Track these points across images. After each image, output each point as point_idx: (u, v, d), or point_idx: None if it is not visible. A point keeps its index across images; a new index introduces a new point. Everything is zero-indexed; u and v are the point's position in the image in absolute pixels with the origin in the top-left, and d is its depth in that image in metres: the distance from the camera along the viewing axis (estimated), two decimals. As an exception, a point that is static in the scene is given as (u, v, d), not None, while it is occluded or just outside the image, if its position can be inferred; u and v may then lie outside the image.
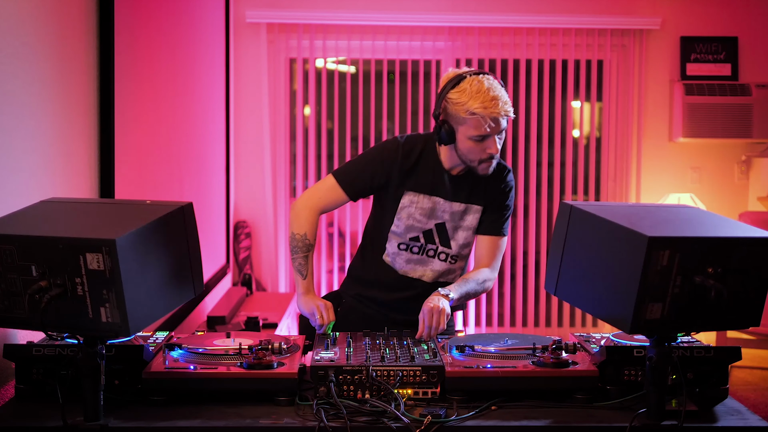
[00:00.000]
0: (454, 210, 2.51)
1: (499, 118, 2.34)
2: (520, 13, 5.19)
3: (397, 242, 2.53)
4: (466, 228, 2.53)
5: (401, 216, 2.50)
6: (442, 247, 2.53)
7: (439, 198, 2.50)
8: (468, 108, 2.33)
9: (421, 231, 2.51)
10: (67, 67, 2.36)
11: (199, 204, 3.83)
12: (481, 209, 2.53)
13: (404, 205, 2.49)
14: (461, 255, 2.56)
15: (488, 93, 2.33)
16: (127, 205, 1.95)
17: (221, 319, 3.69)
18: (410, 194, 2.49)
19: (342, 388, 1.89)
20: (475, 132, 2.35)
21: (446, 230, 2.52)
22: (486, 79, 2.36)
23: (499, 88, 2.36)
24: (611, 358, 1.95)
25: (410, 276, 2.55)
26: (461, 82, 2.36)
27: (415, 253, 2.53)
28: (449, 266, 2.56)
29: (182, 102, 3.70)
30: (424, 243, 2.52)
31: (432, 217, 2.51)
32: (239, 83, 5.15)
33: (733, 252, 1.71)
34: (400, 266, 2.55)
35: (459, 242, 2.54)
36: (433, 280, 2.56)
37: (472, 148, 2.39)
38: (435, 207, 2.50)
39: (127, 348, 1.93)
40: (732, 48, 5.29)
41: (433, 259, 2.54)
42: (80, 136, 2.47)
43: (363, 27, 5.15)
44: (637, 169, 5.33)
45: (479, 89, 2.33)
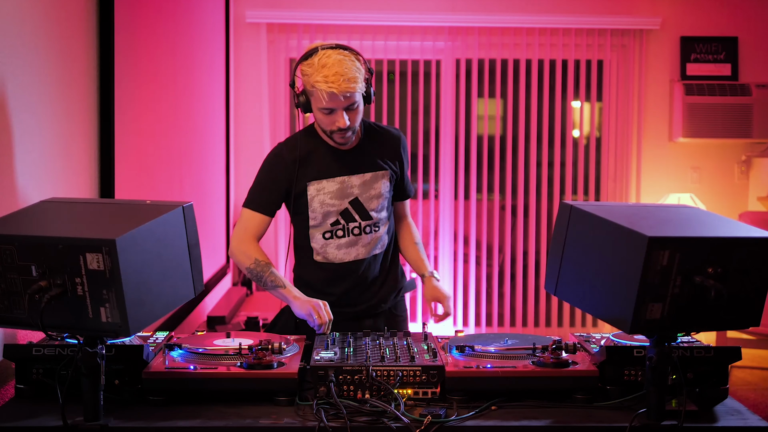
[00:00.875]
0: (361, 182, 2.55)
1: (338, 94, 2.36)
2: (520, 13, 5.19)
3: (320, 233, 2.56)
4: (378, 195, 2.57)
5: (314, 207, 2.54)
6: (363, 221, 2.56)
7: (343, 176, 2.54)
8: (312, 81, 2.38)
9: (338, 213, 2.55)
10: (67, 67, 2.37)
11: (199, 204, 3.83)
12: (388, 173, 2.58)
13: (312, 195, 2.54)
14: (381, 219, 2.60)
15: (332, 68, 2.35)
16: (127, 205, 1.95)
17: (221, 319, 3.69)
18: (314, 183, 2.53)
19: (342, 388, 1.89)
20: (320, 104, 2.41)
21: (361, 203, 2.56)
22: (337, 54, 2.38)
23: (347, 63, 2.37)
24: (611, 358, 1.95)
25: (346, 261, 2.57)
26: (313, 56, 2.40)
27: (340, 237, 2.56)
28: (375, 234, 2.59)
29: (182, 102, 3.70)
30: (345, 223, 2.56)
31: (343, 196, 2.54)
32: (239, 83, 5.15)
33: (733, 252, 1.71)
34: (334, 256, 2.57)
35: (376, 210, 2.58)
36: (369, 254, 2.59)
37: (323, 119, 2.47)
38: (342, 186, 2.54)
39: (127, 348, 1.93)
40: (732, 48, 5.29)
41: (360, 235, 2.57)
42: (80, 136, 2.47)
43: (363, 27, 5.15)
44: (637, 169, 5.33)
45: (325, 63, 2.36)
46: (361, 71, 2.40)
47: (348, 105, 2.40)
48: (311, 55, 2.40)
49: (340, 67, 2.35)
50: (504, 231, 5.37)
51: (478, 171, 5.34)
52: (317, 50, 2.39)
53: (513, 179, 5.39)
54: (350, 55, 2.39)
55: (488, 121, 5.33)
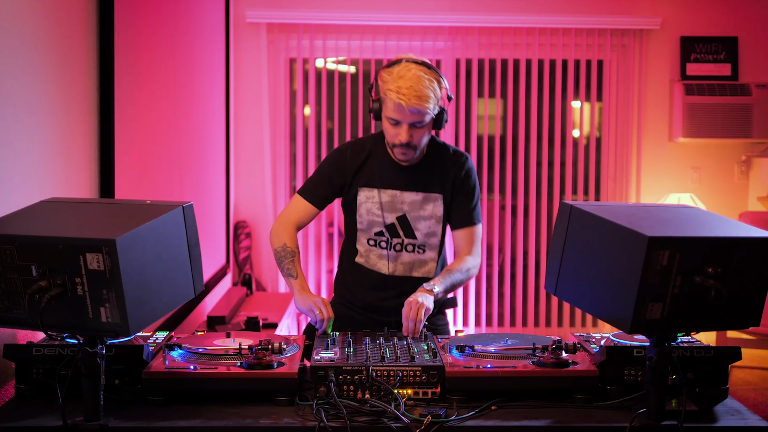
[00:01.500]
0: (411, 200, 2.54)
1: (405, 107, 2.35)
2: (520, 13, 5.19)
3: (366, 239, 2.58)
4: (428, 217, 2.55)
5: (361, 212, 2.56)
6: (407, 239, 2.56)
7: (395, 190, 2.53)
8: (385, 88, 2.39)
9: (384, 225, 2.55)
10: (67, 67, 2.37)
11: (199, 204, 3.84)
12: (441, 197, 2.55)
13: (361, 201, 2.55)
14: (428, 244, 2.58)
15: (407, 81, 2.35)
16: (127, 205, 1.95)
17: (221, 319, 3.69)
18: (364, 190, 2.54)
19: (342, 388, 1.89)
20: (388, 113, 2.41)
21: (408, 221, 2.55)
22: (418, 69, 2.37)
23: (426, 81, 2.36)
24: (611, 358, 1.95)
25: (383, 272, 2.58)
26: (395, 65, 2.40)
27: (383, 248, 2.57)
28: (418, 257, 2.58)
29: (182, 102, 3.70)
30: (389, 237, 2.56)
31: (392, 210, 2.54)
32: (239, 83, 5.15)
33: (733, 252, 1.71)
34: (373, 264, 2.59)
35: (423, 232, 2.56)
36: (405, 273, 2.58)
37: (388, 129, 2.46)
38: (392, 200, 2.54)
39: (127, 348, 1.93)
40: (732, 48, 5.29)
41: (401, 252, 2.57)
42: (80, 136, 2.47)
43: (363, 27, 5.16)
44: (637, 169, 5.33)
45: (403, 75, 2.36)
46: (437, 94, 2.39)
47: (414, 122, 2.39)
48: (394, 64, 2.40)
49: (416, 82, 2.35)
50: (504, 231, 5.37)
51: (478, 171, 5.34)
52: (402, 61, 2.40)
53: (513, 179, 5.40)
54: (431, 75, 2.38)
55: (488, 121, 5.33)
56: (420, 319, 2.26)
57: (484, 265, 5.35)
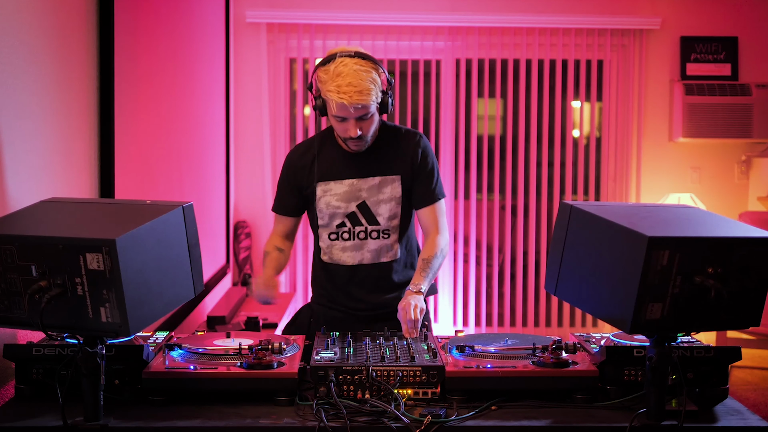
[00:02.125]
0: (369, 186, 2.53)
1: (347, 105, 2.33)
2: (520, 13, 5.19)
3: (327, 234, 2.57)
4: (387, 200, 2.54)
5: (321, 207, 2.55)
6: (370, 226, 2.55)
7: (351, 179, 2.53)
8: (326, 89, 2.36)
9: (345, 215, 2.54)
10: (67, 67, 2.36)
11: (199, 204, 3.83)
12: (399, 177, 2.53)
13: (319, 195, 2.55)
14: (391, 227, 2.56)
15: (345, 78, 2.32)
16: (127, 205, 1.95)
17: (221, 319, 3.69)
18: (321, 184, 2.54)
19: (342, 388, 1.89)
20: (333, 112, 2.40)
21: (368, 207, 2.54)
22: (354, 63, 2.34)
23: (362, 75, 2.33)
24: (611, 358, 1.95)
25: (350, 264, 2.57)
26: (330, 62, 2.37)
27: (346, 240, 2.56)
28: (383, 242, 2.56)
29: (182, 102, 3.70)
30: (352, 226, 2.55)
31: (350, 199, 2.53)
32: (239, 83, 5.15)
33: (733, 252, 1.71)
34: (338, 257, 2.58)
35: (384, 216, 2.54)
36: (373, 261, 2.57)
37: (336, 125, 2.45)
38: (350, 189, 2.53)
39: (127, 348, 1.93)
40: (732, 48, 5.29)
41: (366, 240, 2.55)
42: (80, 136, 2.47)
43: (363, 27, 5.15)
44: (637, 169, 5.33)
45: (339, 72, 2.33)
46: (377, 83, 2.35)
47: (360, 116, 2.38)
48: (329, 61, 2.37)
49: (354, 78, 2.32)
50: (504, 231, 5.37)
51: (478, 171, 5.34)
52: (335, 57, 2.36)
53: (513, 179, 5.39)
54: (367, 65, 2.35)
55: (488, 121, 5.33)
56: (417, 318, 2.26)
57: (483, 265, 5.35)
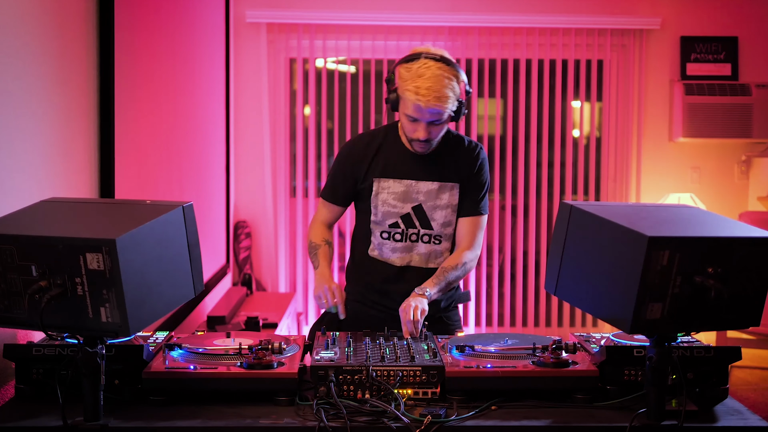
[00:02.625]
0: (427, 189, 2.52)
1: (423, 108, 2.34)
2: (520, 13, 5.19)
3: (379, 231, 2.56)
4: (444, 206, 2.53)
5: (376, 204, 2.53)
6: (423, 230, 2.54)
7: (410, 180, 2.52)
8: (405, 87, 2.36)
9: (399, 216, 2.53)
10: (67, 67, 2.37)
11: (199, 204, 3.83)
12: (458, 186, 2.53)
13: (376, 192, 2.53)
14: (444, 234, 2.56)
15: (427, 81, 2.32)
16: (127, 205, 1.95)
17: (221, 319, 3.69)
18: (380, 180, 2.53)
19: (342, 388, 1.89)
20: (406, 110, 2.40)
21: (424, 211, 2.53)
22: (437, 68, 2.34)
23: (445, 81, 2.33)
24: (611, 358, 1.95)
25: (398, 265, 2.56)
26: (414, 60, 2.37)
27: (397, 241, 2.55)
28: (434, 247, 2.56)
29: (182, 102, 3.70)
30: (405, 228, 2.54)
31: (407, 200, 2.52)
32: (239, 83, 5.15)
33: (733, 252, 1.71)
34: (387, 256, 2.57)
35: (439, 222, 2.54)
36: (420, 264, 2.56)
37: (406, 124, 2.44)
38: (407, 189, 2.52)
39: (127, 348, 1.93)
40: (732, 48, 5.29)
41: (417, 243, 2.55)
42: (80, 136, 2.47)
43: (363, 27, 5.15)
44: (637, 169, 5.33)
45: (422, 74, 2.33)
46: (456, 91, 2.36)
47: (432, 120, 2.38)
48: (413, 59, 2.37)
49: (435, 82, 2.32)
50: (504, 231, 5.37)
51: (478, 171, 5.34)
52: (420, 56, 2.36)
53: (513, 179, 5.40)
54: (450, 72, 2.35)
55: (488, 121, 5.33)
56: (417, 319, 2.25)
57: (483, 265, 5.35)
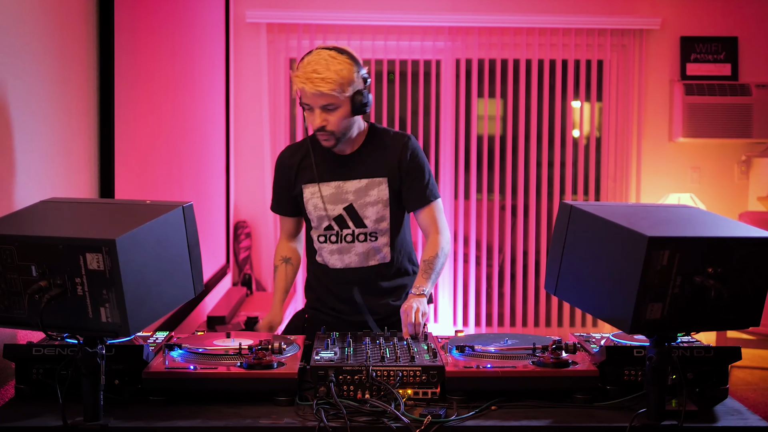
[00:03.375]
0: (356, 188, 2.52)
1: (308, 92, 2.33)
2: (520, 13, 5.19)
3: (317, 236, 2.58)
4: (374, 202, 2.52)
5: (309, 209, 2.55)
6: (357, 229, 2.53)
7: (338, 181, 2.52)
8: (294, 76, 2.37)
9: (332, 218, 2.53)
10: (67, 66, 2.36)
11: (199, 204, 3.83)
12: (386, 179, 2.52)
13: (307, 198, 2.55)
14: (379, 230, 2.54)
15: (311, 65, 2.33)
16: (127, 205, 1.95)
17: (221, 319, 3.69)
18: (308, 186, 2.54)
19: (342, 388, 1.89)
20: (300, 101, 2.40)
21: (355, 210, 2.52)
22: (327, 53, 2.35)
23: (330, 64, 2.32)
24: (611, 358, 1.95)
25: (338, 267, 2.57)
26: (308, 54, 2.39)
27: (334, 243, 2.55)
28: (371, 245, 2.54)
29: (182, 102, 3.69)
30: (339, 229, 2.54)
31: (337, 201, 2.52)
32: (239, 83, 5.15)
33: (733, 252, 1.71)
34: (327, 260, 2.58)
35: (372, 218, 2.53)
36: (360, 264, 2.55)
37: (307, 117, 2.44)
38: (336, 191, 2.52)
39: (127, 348, 1.93)
40: (732, 48, 5.29)
41: (353, 243, 2.54)
42: (80, 136, 2.47)
43: (363, 27, 5.15)
44: (637, 169, 5.33)
45: (309, 61, 2.35)
46: (345, 76, 2.33)
47: (323, 105, 2.36)
48: (310, 52, 2.41)
49: (320, 65, 2.32)
50: (504, 231, 5.37)
51: (478, 171, 5.34)
52: (313, 50, 2.40)
53: (513, 179, 5.39)
54: (342, 59, 2.34)
55: (488, 121, 5.33)
56: (419, 322, 2.25)
57: (483, 265, 5.35)
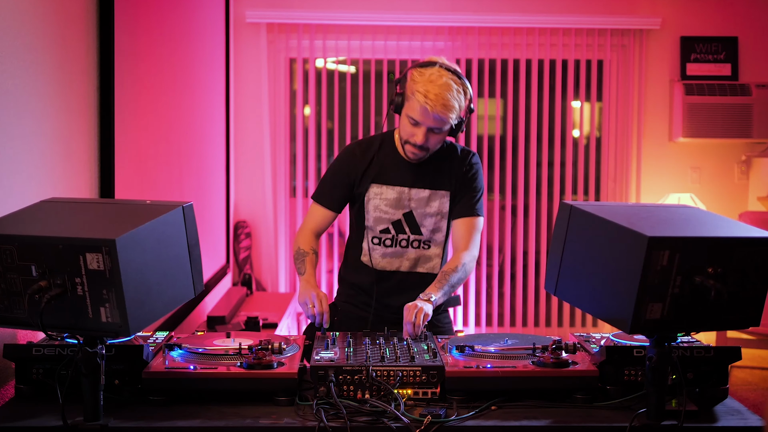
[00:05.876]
0: (419, 197, 2.56)
1: (429, 112, 2.37)
2: (520, 13, 5.19)
3: (371, 237, 2.59)
4: (434, 214, 2.57)
5: (369, 209, 2.57)
6: (413, 236, 2.58)
7: (403, 187, 2.55)
8: (415, 89, 2.39)
9: (390, 222, 2.57)
10: (67, 67, 2.36)
11: (199, 204, 3.84)
12: (449, 194, 2.57)
13: (370, 197, 2.57)
14: (434, 240, 2.59)
15: (438, 87, 2.37)
16: (127, 205, 1.95)
17: (221, 319, 3.69)
18: (374, 186, 2.56)
19: (342, 388, 1.89)
20: (410, 112, 2.43)
21: (414, 218, 2.57)
22: (450, 79, 2.39)
23: (454, 91, 2.38)
24: (611, 358, 1.95)
25: (387, 270, 2.60)
26: (429, 67, 2.41)
27: (388, 246, 2.58)
28: (423, 252, 2.59)
29: (182, 102, 3.70)
30: (395, 234, 2.58)
31: (398, 207, 2.56)
32: (239, 83, 5.15)
33: (733, 252, 1.71)
34: (377, 262, 2.60)
35: (428, 228, 2.58)
36: (410, 269, 2.60)
37: (406, 126, 2.47)
38: (399, 197, 2.56)
39: (127, 348, 1.93)
40: (732, 48, 5.29)
41: (407, 248, 2.59)
42: (80, 136, 2.47)
43: (363, 27, 5.16)
44: (637, 169, 5.33)
45: (434, 80, 2.38)
46: (462, 104, 2.41)
47: (434, 127, 2.42)
48: (429, 65, 2.42)
49: (445, 90, 2.37)
50: (504, 231, 5.37)
51: (478, 171, 5.34)
52: (436, 64, 2.41)
53: (513, 179, 5.40)
54: (460, 86, 2.41)
55: (488, 121, 5.33)
56: (419, 323, 2.24)
57: (483, 265, 5.35)
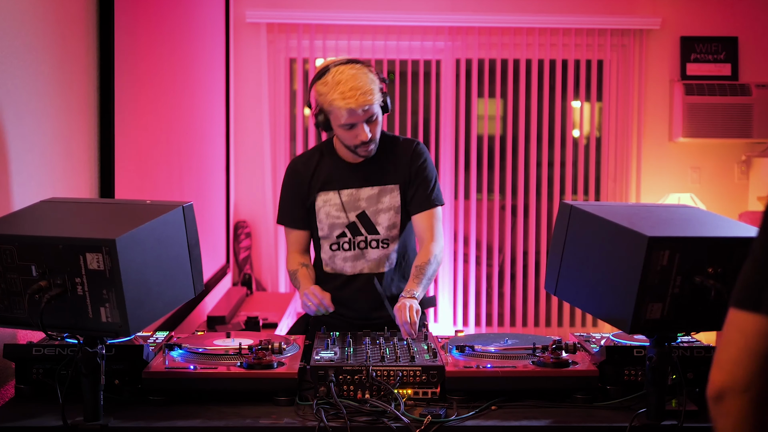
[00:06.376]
0: (368, 195, 2.56)
1: (355, 109, 2.37)
2: (520, 13, 5.19)
3: (328, 245, 2.59)
4: (386, 209, 2.57)
5: (321, 218, 2.57)
6: (370, 236, 2.57)
7: (351, 189, 2.55)
8: (329, 100, 2.39)
9: (345, 226, 2.57)
10: (67, 67, 2.36)
11: (199, 204, 3.83)
12: (398, 187, 2.56)
13: (319, 206, 2.57)
14: (391, 237, 2.58)
15: (347, 84, 2.36)
16: (127, 205, 1.95)
17: (221, 319, 3.69)
18: (321, 194, 2.57)
19: (342, 388, 1.89)
20: (340, 121, 2.42)
21: (368, 217, 2.56)
22: (350, 68, 2.39)
23: (361, 77, 2.38)
24: (611, 358, 1.95)
25: (351, 273, 2.59)
26: (326, 74, 2.41)
27: (347, 250, 2.58)
28: (383, 251, 2.58)
29: (182, 102, 3.70)
30: (352, 237, 2.57)
31: (350, 209, 2.55)
32: (239, 83, 5.15)
33: (733, 252, 1.71)
34: (340, 267, 2.60)
35: (384, 225, 2.57)
36: (372, 271, 2.59)
37: (344, 135, 2.47)
38: (350, 199, 2.55)
39: (127, 348, 1.93)
40: (732, 48, 5.29)
41: (366, 249, 2.58)
42: (80, 136, 2.47)
43: (363, 27, 5.15)
44: (637, 169, 5.33)
45: (339, 80, 2.37)
46: (376, 82, 2.41)
47: (367, 118, 2.42)
48: (324, 73, 2.41)
49: (355, 81, 2.36)
50: (504, 231, 5.37)
51: (478, 171, 5.34)
52: (329, 68, 2.40)
53: (513, 179, 5.39)
54: (363, 68, 2.41)
55: (488, 121, 5.33)
56: (414, 320, 2.24)
57: (483, 265, 5.35)
